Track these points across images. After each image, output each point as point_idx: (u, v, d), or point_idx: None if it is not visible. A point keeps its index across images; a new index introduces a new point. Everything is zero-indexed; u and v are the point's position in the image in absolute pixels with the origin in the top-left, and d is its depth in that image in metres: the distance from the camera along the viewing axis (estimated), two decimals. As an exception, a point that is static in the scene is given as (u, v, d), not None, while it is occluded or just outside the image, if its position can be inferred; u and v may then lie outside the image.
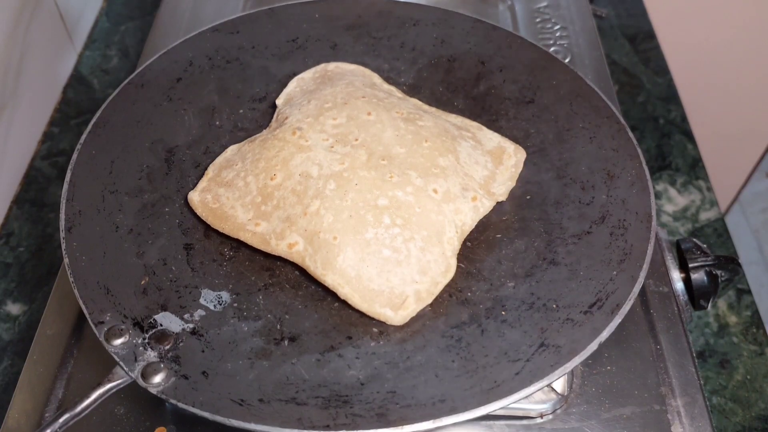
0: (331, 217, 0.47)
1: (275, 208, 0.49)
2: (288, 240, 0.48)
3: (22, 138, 0.74)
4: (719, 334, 0.65)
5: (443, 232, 0.48)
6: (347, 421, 0.40)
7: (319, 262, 0.47)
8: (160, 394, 0.40)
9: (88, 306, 0.44)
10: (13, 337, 0.62)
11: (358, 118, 0.53)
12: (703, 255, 0.56)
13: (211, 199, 0.51)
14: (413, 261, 0.47)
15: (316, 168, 0.50)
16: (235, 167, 0.52)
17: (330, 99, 0.55)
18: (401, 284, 0.46)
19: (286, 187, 0.49)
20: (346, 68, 0.61)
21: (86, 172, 0.51)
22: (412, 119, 0.54)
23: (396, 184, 0.49)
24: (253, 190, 0.50)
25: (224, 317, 0.46)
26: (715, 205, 0.76)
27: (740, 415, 0.59)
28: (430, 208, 0.48)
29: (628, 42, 0.92)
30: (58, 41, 0.81)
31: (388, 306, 0.46)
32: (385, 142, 0.51)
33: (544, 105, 0.58)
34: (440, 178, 0.50)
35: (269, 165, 0.51)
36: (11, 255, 0.67)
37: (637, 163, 0.53)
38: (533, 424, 0.49)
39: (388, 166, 0.50)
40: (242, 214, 0.50)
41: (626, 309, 0.44)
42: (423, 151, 0.51)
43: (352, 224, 0.47)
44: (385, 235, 0.47)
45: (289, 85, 0.59)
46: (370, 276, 0.46)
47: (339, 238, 0.47)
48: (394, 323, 0.46)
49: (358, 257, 0.46)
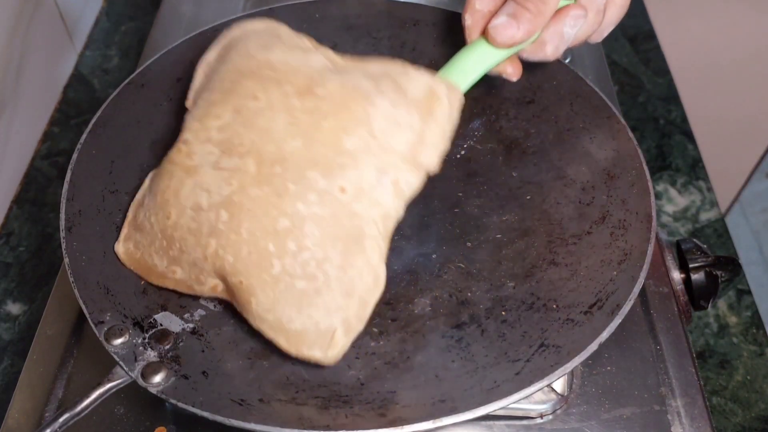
0: (231, 258, 0.41)
1: (180, 252, 0.43)
2: (208, 285, 0.43)
3: (22, 138, 0.74)
4: (719, 334, 0.65)
5: (362, 237, 0.41)
6: (347, 421, 0.40)
7: (239, 305, 0.42)
8: (160, 394, 0.40)
9: (88, 306, 0.44)
10: (13, 337, 0.62)
11: (243, 108, 0.44)
12: (704, 255, 0.56)
13: (133, 249, 0.46)
14: (334, 285, 0.40)
15: (205, 196, 0.42)
16: (144, 205, 0.46)
17: (218, 85, 0.45)
18: (326, 316, 0.40)
19: (182, 227, 0.43)
20: (249, 28, 0.50)
21: (86, 172, 0.51)
22: (310, 89, 0.44)
23: (295, 195, 0.41)
24: (157, 232, 0.44)
25: (224, 317, 0.46)
26: (715, 206, 0.76)
27: (740, 415, 0.59)
28: (340, 213, 0.41)
29: (628, 42, 0.92)
30: (59, 41, 0.81)
31: (316, 346, 0.40)
32: (277, 136, 0.42)
33: (544, 105, 0.58)
34: (348, 169, 0.41)
35: (163, 200, 0.44)
36: (11, 255, 0.67)
37: (637, 163, 0.53)
38: (533, 425, 0.49)
39: (282, 173, 0.41)
40: (158, 261, 0.44)
41: (626, 309, 0.44)
42: (323, 135, 0.42)
43: (254, 261, 0.40)
44: (293, 264, 0.40)
45: (195, 78, 0.49)
46: (290, 317, 0.40)
47: (244, 282, 0.41)
48: (326, 364, 0.41)
49: (270, 299, 0.40)
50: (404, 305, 0.47)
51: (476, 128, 0.58)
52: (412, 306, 0.47)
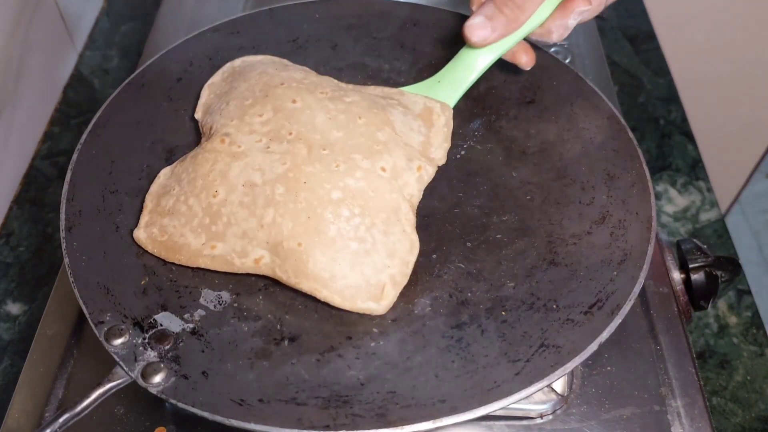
0: (290, 224, 0.46)
1: (227, 225, 0.47)
2: (252, 256, 0.46)
3: (22, 138, 0.74)
4: (719, 334, 0.65)
5: (399, 210, 0.47)
6: (347, 421, 0.40)
7: (291, 271, 0.45)
8: (160, 394, 0.40)
9: (88, 306, 0.44)
10: (13, 337, 0.62)
11: (284, 108, 0.50)
12: (704, 255, 0.56)
13: (158, 233, 0.48)
14: (380, 247, 0.46)
15: (258, 174, 0.47)
16: (173, 192, 0.49)
17: (248, 95, 0.51)
18: (375, 273, 0.46)
19: (232, 202, 0.47)
20: (253, 60, 0.57)
21: (86, 172, 0.51)
22: (339, 97, 0.51)
23: (344, 172, 0.47)
24: (198, 212, 0.47)
25: (224, 317, 0.46)
26: (715, 206, 0.76)
27: (740, 415, 0.59)
28: (383, 188, 0.47)
29: (628, 42, 0.92)
30: (59, 41, 0.81)
31: (369, 299, 0.45)
32: (320, 128, 0.49)
33: (544, 105, 0.58)
34: (384, 154, 0.48)
35: (207, 182, 0.48)
36: (11, 255, 0.67)
37: (637, 163, 0.53)
38: (533, 425, 0.49)
39: (331, 155, 0.48)
40: (194, 240, 0.47)
41: (626, 309, 0.44)
42: (360, 129, 0.49)
43: (313, 225, 0.45)
44: (347, 228, 0.46)
45: (202, 95, 0.56)
46: (344, 273, 0.45)
47: (303, 243, 0.45)
48: (378, 314, 0.46)
49: (327, 258, 0.45)
50: (404, 305, 0.47)
51: (476, 128, 0.59)
52: (412, 306, 0.47)
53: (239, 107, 0.51)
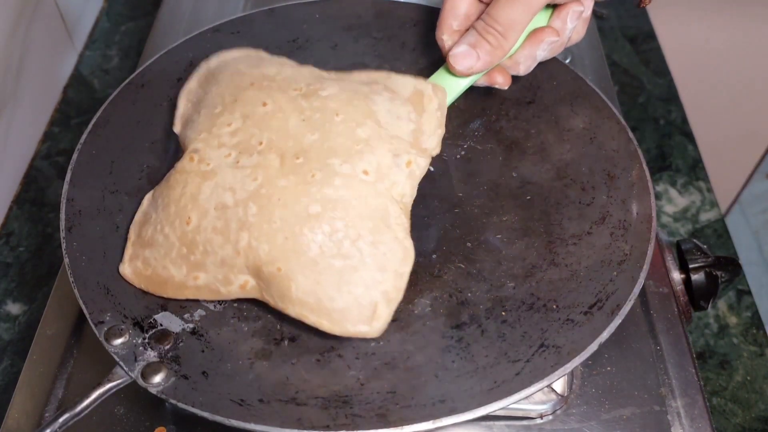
0: (266, 246, 0.42)
1: (204, 254, 0.43)
2: (237, 283, 0.43)
3: (22, 138, 0.74)
4: (719, 334, 0.65)
5: (388, 215, 0.43)
6: (347, 421, 0.40)
7: (276, 296, 0.42)
8: (160, 394, 0.40)
9: (88, 306, 0.44)
10: (13, 337, 0.62)
11: (254, 113, 0.45)
12: (704, 256, 0.56)
13: (141, 266, 0.45)
14: (369, 261, 0.42)
15: (229, 194, 0.43)
16: (151, 220, 0.46)
17: (218, 101, 0.47)
18: (366, 291, 0.42)
19: (205, 228, 0.43)
20: (228, 57, 0.52)
21: (86, 172, 0.51)
22: (314, 92, 0.46)
23: (321, 181, 0.43)
24: (174, 242, 0.44)
25: (224, 317, 0.46)
26: (715, 206, 0.76)
27: (740, 416, 0.59)
28: (366, 194, 0.43)
29: (628, 42, 0.92)
30: (59, 41, 0.81)
31: (361, 322, 0.42)
32: (293, 133, 0.44)
33: (544, 105, 0.58)
34: (366, 154, 0.44)
35: (179, 207, 0.44)
36: (11, 255, 0.67)
37: (637, 163, 0.53)
38: (533, 425, 0.49)
39: (305, 163, 0.43)
40: (176, 272, 0.44)
41: (626, 310, 0.44)
42: (337, 128, 0.45)
43: (291, 247, 0.42)
44: (330, 244, 0.42)
45: (179, 105, 0.51)
46: (331, 296, 0.41)
47: (283, 267, 0.42)
48: (371, 336, 0.42)
49: (311, 281, 0.41)
50: (404, 305, 0.47)
51: (476, 128, 0.58)
52: (412, 306, 0.47)
53: (208, 117, 0.46)
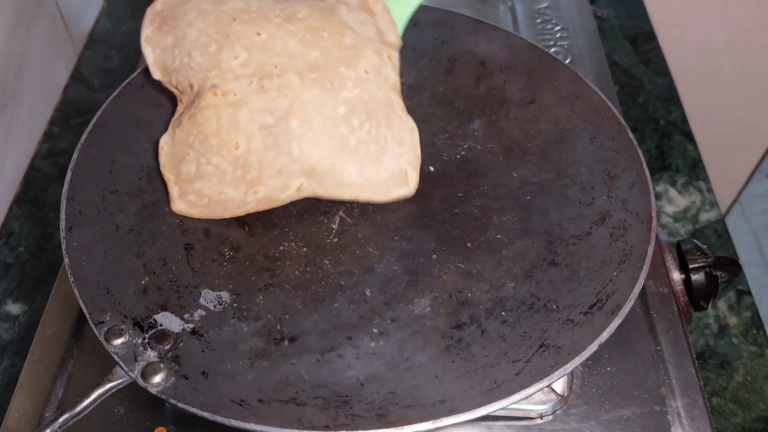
0: (317, 149, 0.49)
1: (261, 170, 0.49)
2: (293, 187, 0.50)
3: (23, 138, 0.74)
4: (719, 335, 0.65)
5: (391, 102, 0.51)
6: (347, 421, 0.40)
7: (331, 187, 0.50)
8: (160, 394, 0.40)
9: (88, 306, 0.44)
10: (13, 337, 0.62)
11: (253, 44, 0.50)
12: (704, 256, 0.56)
13: (195, 199, 0.50)
14: (391, 141, 0.50)
15: (267, 115, 0.48)
16: (189, 158, 0.50)
17: (207, 41, 0.50)
18: (396, 163, 0.51)
19: (257, 149, 0.49)
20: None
21: (86, 172, 0.51)
22: (292, 15, 0.51)
23: (339, 87, 0.50)
24: (227, 168, 0.49)
25: (224, 317, 0.46)
26: (715, 206, 0.76)
27: (740, 416, 0.59)
28: (373, 89, 0.50)
29: (628, 43, 0.92)
30: (59, 41, 0.81)
31: (399, 187, 0.51)
32: (297, 53, 0.50)
33: (544, 106, 0.58)
34: (360, 57, 0.50)
35: (222, 138, 0.49)
36: (11, 255, 0.67)
37: (637, 163, 0.53)
38: (533, 425, 0.49)
39: (320, 76, 0.49)
40: (235, 192, 0.49)
41: (626, 310, 0.44)
42: (329, 42, 0.50)
43: (336, 144, 0.49)
44: (363, 135, 0.50)
45: (146, 54, 0.53)
46: (374, 173, 0.50)
47: (335, 162, 0.49)
48: (411, 194, 0.51)
49: (357, 166, 0.50)
50: (404, 305, 0.47)
51: (476, 128, 0.58)
52: (412, 306, 0.47)
53: (208, 57, 0.50)
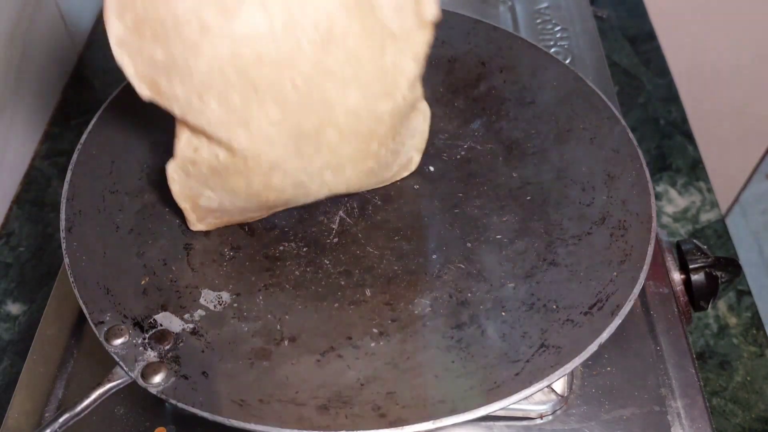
0: (344, 186, 0.51)
1: (287, 204, 0.50)
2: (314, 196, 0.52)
3: (22, 138, 0.74)
4: (719, 335, 0.65)
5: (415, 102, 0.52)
6: (347, 421, 0.40)
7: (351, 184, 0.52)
8: (160, 394, 0.40)
9: (88, 306, 0.44)
10: (13, 337, 0.62)
11: (287, 100, 0.43)
12: (704, 256, 0.56)
13: (215, 221, 0.50)
14: (405, 137, 0.52)
15: (302, 174, 0.47)
16: (209, 196, 0.48)
17: (221, 88, 0.42)
18: (405, 156, 0.54)
19: (287, 198, 0.49)
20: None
21: (86, 172, 0.51)
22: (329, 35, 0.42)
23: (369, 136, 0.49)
24: (252, 207, 0.49)
25: (224, 317, 0.46)
26: (715, 207, 0.76)
27: (740, 416, 0.59)
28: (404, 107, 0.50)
29: (628, 43, 0.92)
30: (59, 41, 0.81)
31: (402, 171, 0.54)
32: (336, 101, 0.44)
33: (544, 106, 0.58)
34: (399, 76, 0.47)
35: (251, 195, 0.48)
36: (11, 255, 0.67)
37: (637, 164, 0.53)
38: (533, 425, 0.49)
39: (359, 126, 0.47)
40: (257, 214, 0.51)
41: (626, 310, 0.44)
42: (368, 68, 0.45)
43: (364, 176, 0.51)
44: (386, 154, 0.51)
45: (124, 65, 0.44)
46: (386, 176, 0.54)
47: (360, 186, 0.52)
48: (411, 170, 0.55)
49: (376, 179, 0.52)
50: (404, 305, 0.47)
51: (476, 128, 0.59)
52: (412, 306, 0.47)
53: (230, 111, 0.42)
